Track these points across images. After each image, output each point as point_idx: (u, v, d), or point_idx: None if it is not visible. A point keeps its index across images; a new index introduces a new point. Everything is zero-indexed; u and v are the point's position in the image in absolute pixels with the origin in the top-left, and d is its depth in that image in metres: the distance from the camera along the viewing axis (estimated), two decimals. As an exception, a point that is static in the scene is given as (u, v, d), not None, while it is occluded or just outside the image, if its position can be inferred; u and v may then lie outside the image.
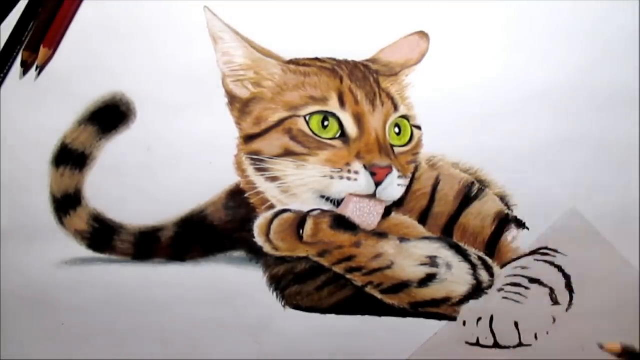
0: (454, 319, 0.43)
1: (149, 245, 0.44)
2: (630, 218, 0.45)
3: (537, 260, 0.44)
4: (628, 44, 0.46)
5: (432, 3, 0.46)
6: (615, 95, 0.46)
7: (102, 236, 0.44)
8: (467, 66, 0.45)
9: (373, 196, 0.43)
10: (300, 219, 0.43)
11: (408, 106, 0.45)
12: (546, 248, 0.44)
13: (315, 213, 0.44)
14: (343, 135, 0.44)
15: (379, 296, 0.44)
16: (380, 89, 0.45)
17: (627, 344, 0.42)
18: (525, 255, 0.44)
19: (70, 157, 0.45)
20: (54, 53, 0.45)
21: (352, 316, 0.44)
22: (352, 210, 0.44)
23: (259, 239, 0.44)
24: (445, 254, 0.44)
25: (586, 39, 0.46)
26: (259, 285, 0.44)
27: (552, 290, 0.43)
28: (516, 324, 0.43)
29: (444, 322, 0.43)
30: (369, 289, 0.43)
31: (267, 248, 0.44)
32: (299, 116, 0.44)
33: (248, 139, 0.45)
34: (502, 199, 0.45)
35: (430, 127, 0.45)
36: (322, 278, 0.44)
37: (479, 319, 0.43)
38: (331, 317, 0.44)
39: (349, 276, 0.44)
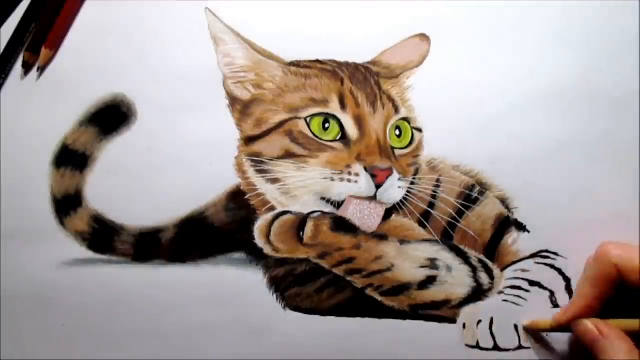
0: (453, 321, 0.43)
1: (149, 247, 0.44)
2: (630, 221, 0.45)
3: (538, 263, 0.44)
4: (630, 46, 0.46)
5: (433, 5, 0.46)
6: (616, 98, 0.45)
7: (103, 237, 0.44)
8: (468, 69, 0.45)
9: (373, 198, 0.43)
10: (301, 221, 0.43)
11: (409, 108, 0.45)
12: (547, 251, 0.44)
13: (315, 215, 0.44)
14: (344, 137, 0.44)
15: (379, 298, 0.44)
16: (381, 91, 0.45)
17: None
18: (526, 258, 0.44)
19: (71, 158, 0.45)
20: (55, 54, 0.45)
21: (351, 318, 0.44)
22: (353, 212, 0.44)
23: (259, 241, 0.44)
24: (445, 257, 0.44)
25: (587, 41, 0.46)
26: (259, 287, 0.44)
27: (552, 293, 0.43)
28: (516, 327, 0.43)
29: (444, 325, 0.43)
30: (369, 291, 0.43)
31: (267, 250, 0.44)
32: (299, 118, 0.44)
33: (249, 140, 0.45)
34: (503, 201, 0.45)
35: (431, 130, 0.45)
36: (322, 280, 0.44)
37: (479, 322, 0.43)
38: (331, 319, 0.44)
39: (349, 278, 0.44)
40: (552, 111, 0.45)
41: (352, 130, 0.44)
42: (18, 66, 0.45)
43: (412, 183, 0.45)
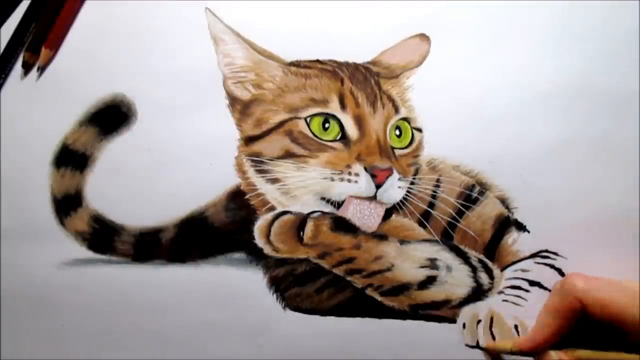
0: (453, 321, 0.43)
1: (149, 247, 0.44)
2: (631, 220, 0.45)
3: (538, 263, 0.44)
4: (629, 46, 0.46)
5: (433, 5, 0.46)
6: (616, 98, 0.45)
7: (103, 237, 0.44)
8: (468, 69, 0.45)
9: (373, 198, 0.43)
10: (301, 221, 0.43)
11: (409, 108, 0.45)
12: (546, 251, 0.44)
13: (315, 215, 0.44)
14: (344, 137, 0.44)
15: (379, 298, 0.44)
16: (381, 91, 0.45)
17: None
18: (526, 258, 0.44)
19: (71, 158, 0.45)
20: (55, 54, 0.45)
21: (351, 318, 0.44)
22: (353, 212, 0.44)
23: (259, 241, 0.44)
24: (445, 257, 0.44)
25: (587, 41, 0.46)
26: (259, 287, 0.44)
27: (552, 293, 0.43)
28: (516, 327, 0.43)
29: (444, 325, 0.43)
30: (369, 291, 0.43)
31: (267, 250, 0.44)
32: (299, 118, 0.44)
33: (249, 140, 0.45)
34: (503, 201, 0.45)
35: (431, 130, 0.45)
36: (322, 280, 0.44)
37: (479, 322, 0.43)
38: (331, 319, 0.44)
39: (349, 278, 0.44)
40: (552, 111, 0.45)
41: (352, 130, 0.44)
42: (18, 66, 0.45)
43: (412, 183, 0.45)
